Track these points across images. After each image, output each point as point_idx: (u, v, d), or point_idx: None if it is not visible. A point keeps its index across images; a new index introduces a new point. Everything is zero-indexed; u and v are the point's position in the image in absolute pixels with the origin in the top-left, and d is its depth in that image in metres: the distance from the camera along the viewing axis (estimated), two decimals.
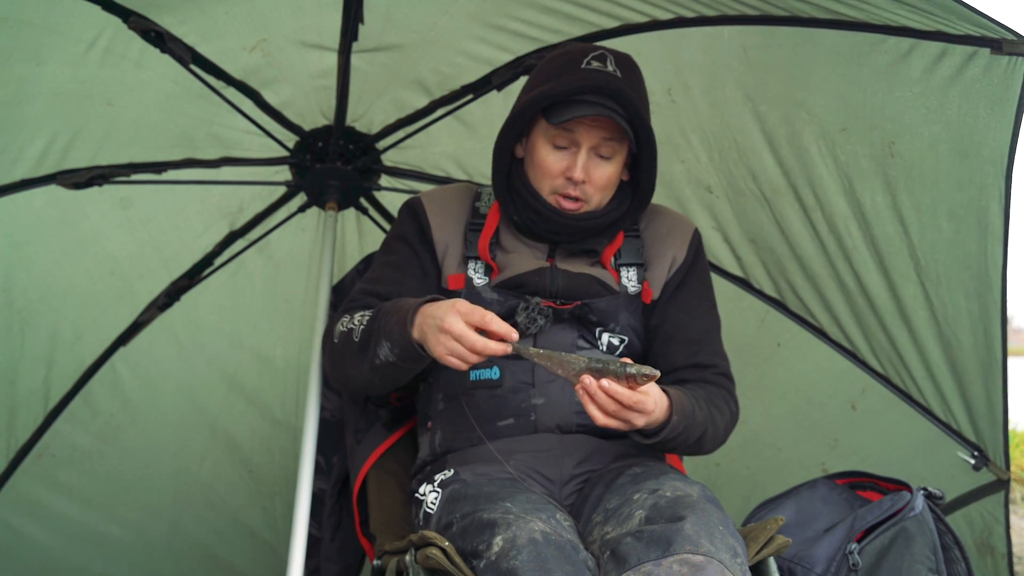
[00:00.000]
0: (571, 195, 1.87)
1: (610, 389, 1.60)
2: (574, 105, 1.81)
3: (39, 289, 2.70)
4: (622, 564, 1.48)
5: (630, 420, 1.64)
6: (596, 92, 1.81)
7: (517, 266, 1.91)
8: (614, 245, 1.97)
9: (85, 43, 2.26)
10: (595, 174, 1.86)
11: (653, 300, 1.95)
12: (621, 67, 1.86)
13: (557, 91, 1.82)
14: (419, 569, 1.63)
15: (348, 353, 1.83)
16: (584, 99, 1.81)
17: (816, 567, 1.92)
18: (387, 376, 1.81)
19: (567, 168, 1.85)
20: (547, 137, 1.86)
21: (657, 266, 1.97)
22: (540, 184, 1.88)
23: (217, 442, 3.07)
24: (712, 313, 2.01)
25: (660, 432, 1.72)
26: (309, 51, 2.42)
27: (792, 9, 2.12)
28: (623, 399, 1.60)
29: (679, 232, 2.01)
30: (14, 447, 2.85)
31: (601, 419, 1.63)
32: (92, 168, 2.53)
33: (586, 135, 1.84)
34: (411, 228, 1.98)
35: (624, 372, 1.59)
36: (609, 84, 1.81)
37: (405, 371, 1.79)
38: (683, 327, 1.95)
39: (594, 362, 1.61)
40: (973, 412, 2.49)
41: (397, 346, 1.73)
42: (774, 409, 2.87)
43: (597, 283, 1.91)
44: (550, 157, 1.86)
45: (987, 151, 2.08)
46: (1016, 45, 1.92)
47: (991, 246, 2.18)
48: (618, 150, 1.87)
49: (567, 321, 1.89)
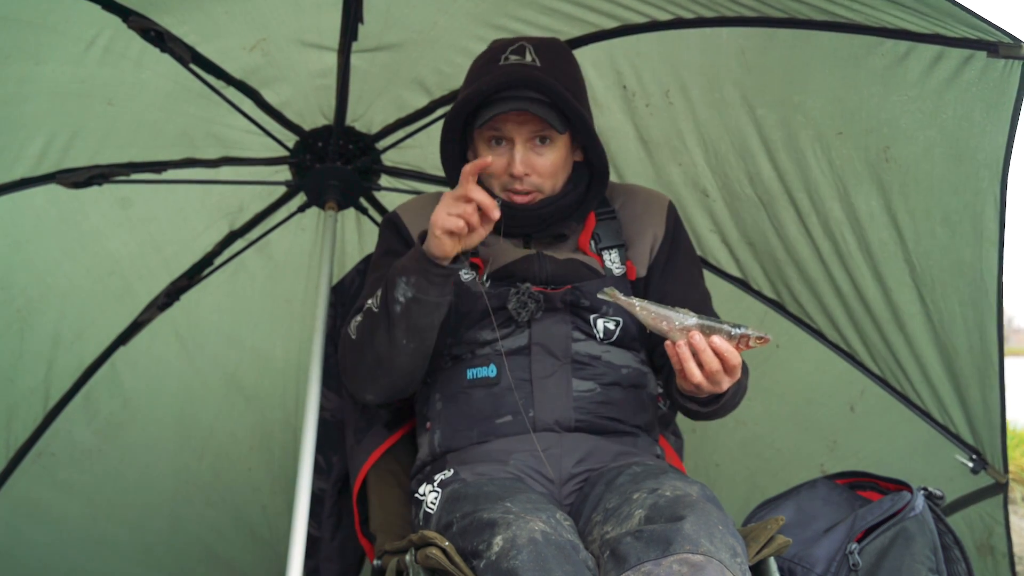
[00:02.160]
0: (519, 189, 1.89)
1: (720, 347, 1.62)
2: (496, 103, 1.84)
3: (39, 288, 2.70)
4: (622, 564, 1.48)
5: (722, 383, 1.66)
6: (514, 86, 1.84)
7: (503, 256, 1.94)
8: (588, 229, 1.99)
9: (85, 42, 2.26)
10: (537, 164, 1.88)
11: (639, 277, 1.98)
12: (541, 55, 1.89)
13: (476, 92, 1.85)
14: (419, 569, 1.64)
15: (372, 327, 1.84)
16: (505, 96, 1.84)
17: (816, 567, 1.93)
18: (413, 326, 1.80)
19: (507, 165, 1.88)
20: (483, 139, 1.90)
21: (639, 244, 2.00)
22: (490, 184, 1.90)
23: (217, 441, 3.07)
24: (703, 283, 2.05)
25: (724, 396, 1.74)
26: (309, 51, 2.42)
27: (790, 11, 2.12)
28: (729, 360, 1.62)
29: (655, 208, 2.04)
30: (14, 446, 2.85)
31: (697, 377, 1.64)
32: (92, 167, 2.53)
33: (516, 130, 1.86)
34: (394, 241, 2.02)
35: (738, 333, 1.60)
36: (526, 75, 1.84)
37: (427, 309, 1.79)
38: (682, 300, 1.95)
39: (704, 318, 1.62)
40: (971, 416, 2.49)
41: (411, 273, 1.77)
42: (774, 410, 2.87)
43: (584, 267, 1.93)
44: (490, 158, 1.87)
45: (982, 155, 2.07)
46: (1012, 49, 1.91)
47: (986, 251, 2.18)
48: (557, 136, 1.89)
49: (560, 311, 1.90)
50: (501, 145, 1.89)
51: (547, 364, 1.88)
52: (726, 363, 1.63)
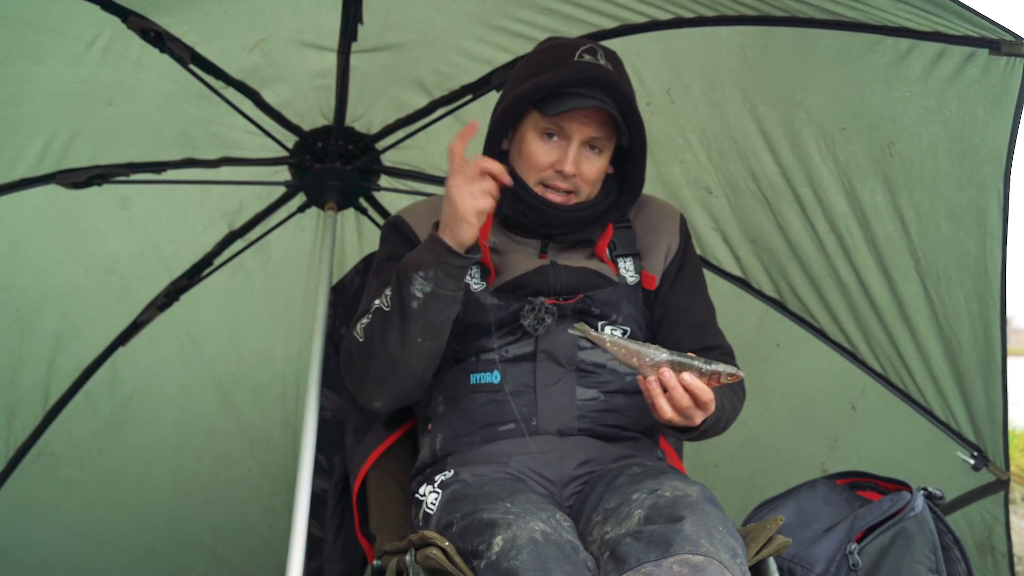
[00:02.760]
0: (560, 188, 1.87)
1: (690, 384, 1.60)
2: (568, 97, 1.81)
3: (39, 288, 2.70)
4: (622, 564, 1.48)
5: (694, 418, 1.64)
6: (590, 85, 1.82)
7: (516, 267, 1.91)
8: (605, 237, 1.98)
9: (84, 43, 2.26)
10: (585, 168, 1.86)
11: (656, 288, 1.96)
12: (611, 61, 1.87)
13: (551, 83, 1.82)
14: (419, 569, 1.63)
15: (384, 328, 1.79)
16: (578, 91, 1.81)
17: (816, 567, 1.92)
18: (429, 323, 1.76)
19: (557, 161, 1.85)
20: (537, 129, 1.86)
21: (653, 254, 1.99)
22: (527, 175, 1.88)
23: (216, 441, 3.07)
24: (707, 295, 2.04)
25: (700, 427, 1.72)
26: (308, 51, 2.42)
27: (790, 10, 2.12)
28: (700, 396, 1.61)
29: (669, 220, 2.03)
30: (14, 446, 2.85)
31: (668, 414, 1.63)
32: (91, 168, 2.53)
33: (578, 129, 1.84)
34: (399, 245, 1.97)
35: (708, 370, 1.58)
36: (603, 77, 1.82)
37: (444, 303, 1.75)
38: (686, 312, 1.96)
39: (676, 355, 1.60)
40: (973, 412, 2.50)
41: (430, 267, 1.73)
42: (774, 409, 2.87)
43: (597, 276, 1.91)
44: (540, 149, 1.86)
45: (986, 151, 2.08)
46: (1014, 46, 1.92)
47: (990, 246, 2.19)
48: (608, 144, 1.88)
49: (569, 318, 1.88)
50: (553, 139, 1.86)
51: (552, 372, 1.86)
52: (697, 399, 1.62)
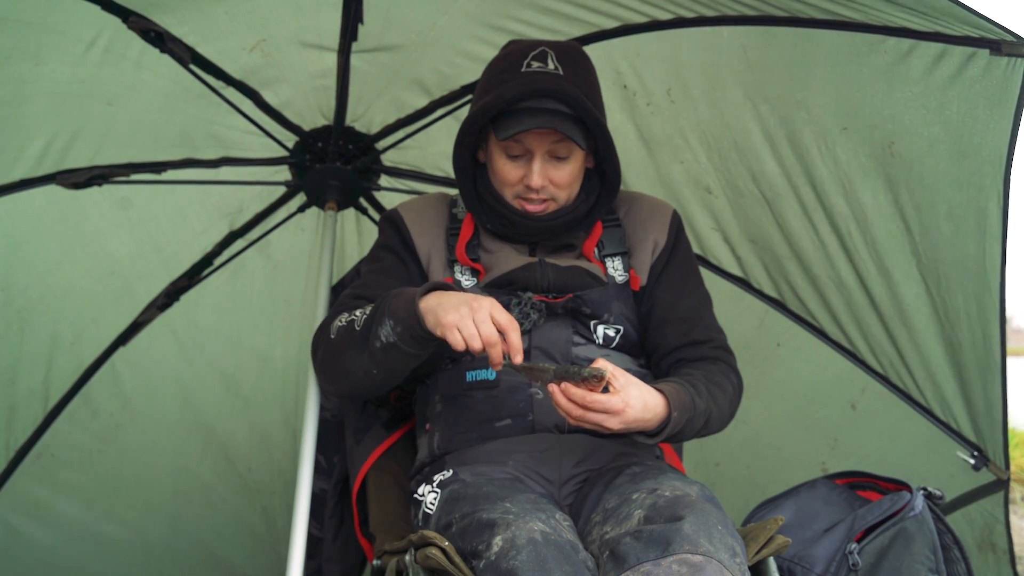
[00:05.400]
0: (535, 198, 1.88)
1: (567, 392, 1.62)
2: (518, 115, 1.80)
3: (39, 289, 2.70)
4: (621, 564, 1.48)
5: (599, 422, 1.64)
6: (538, 96, 1.80)
7: (504, 264, 1.92)
8: (593, 237, 1.98)
9: (84, 43, 2.26)
10: (554, 175, 1.86)
11: (641, 287, 1.96)
12: (563, 62, 1.85)
13: (499, 101, 1.81)
14: (419, 569, 1.63)
15: (348, 344, 1.80)
16: (527, 106, 1.80)
17: (816, 567, 1.92)
18: (386, 365, 1.77)
19: (524, 176, 1.86)
20: (500, 148, 1.87)
21: (640, 252, 1.98)
22: (503, 190, 1.89)
23: (217, 441, 3.07)
24: (700, 290, 2.02)
25: (662, 431, 1.72)
26: (309, 51, 2.42)
27: (791, 10, 2.12)
28: (578, 399, 1.62)
29: (659, 216, 2.02)
30: (13, 447, 2.85)
31: (571, 421, 1.66)
32: (92, 168, 2.54)
33: (536, 143, 1.84)
34: (394, 238, 1.99)
35: (579, 375, 1.62)
36: (551, 86, 1.80)
37: (404, 357, 1.75)
38: (672, 308, 1.95)
39: (560, 369, 1.65)
40: (973, 412, 2.49)
41: (400, 324, 1.71)
42: (774, 409, 2.87)
43: (587, 275, 1.91)
44: (506, 167, 1.86)
45: (986, 152, 2.08)
46: (1015, 46, 1.92)
47: (989, 247, 2.18)
48: (574, 148, 1.87)
49: (561, 316, 1.89)
50: (518, 156, 1.86)
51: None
52: (581, 403, 1.62)
